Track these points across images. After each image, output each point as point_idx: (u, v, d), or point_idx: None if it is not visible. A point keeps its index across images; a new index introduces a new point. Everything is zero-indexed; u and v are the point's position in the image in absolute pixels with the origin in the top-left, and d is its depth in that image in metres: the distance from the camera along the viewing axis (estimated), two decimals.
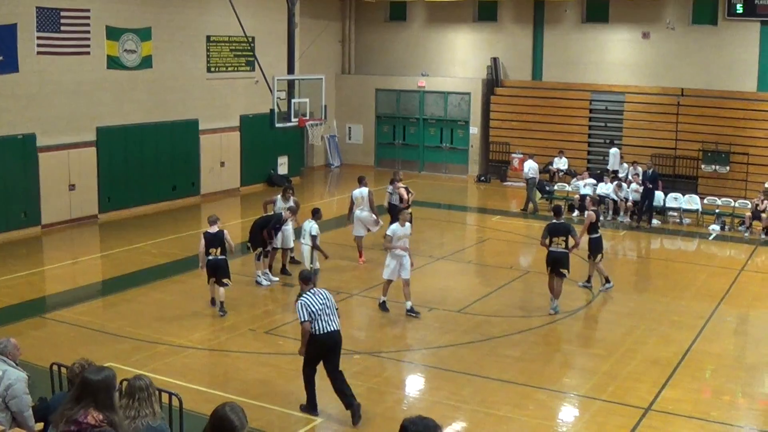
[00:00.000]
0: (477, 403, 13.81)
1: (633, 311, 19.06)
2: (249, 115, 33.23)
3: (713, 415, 13.41)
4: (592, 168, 35.11)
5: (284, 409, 13.42)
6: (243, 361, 15.70)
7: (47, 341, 16.75)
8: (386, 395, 14.23)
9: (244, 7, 30.55)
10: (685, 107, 33.70)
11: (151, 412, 7.43)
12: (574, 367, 15.77)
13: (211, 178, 31.86)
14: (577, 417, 13.66)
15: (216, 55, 31.94)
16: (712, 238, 27.00)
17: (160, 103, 29.70)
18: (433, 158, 39.03)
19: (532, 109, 36.78)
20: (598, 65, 36.13)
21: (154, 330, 17.18)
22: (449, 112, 38.73)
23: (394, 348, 16.57)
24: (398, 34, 40.65)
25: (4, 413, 9.28)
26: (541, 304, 19.42)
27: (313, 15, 37.51)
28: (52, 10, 25.42)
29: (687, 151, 33.19)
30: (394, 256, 18.19)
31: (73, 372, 8.49)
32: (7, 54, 24.32)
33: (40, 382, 12.40)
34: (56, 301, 19.25)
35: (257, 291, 20.28)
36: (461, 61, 39.19)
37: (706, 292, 20.78)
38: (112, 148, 27.93)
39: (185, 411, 11.06)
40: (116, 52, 27.75)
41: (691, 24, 34.25)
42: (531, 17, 37.40)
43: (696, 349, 16.54)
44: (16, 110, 24.92)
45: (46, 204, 25.81)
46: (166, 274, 21.48)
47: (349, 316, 18.02)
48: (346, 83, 40.88)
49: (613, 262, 24.15)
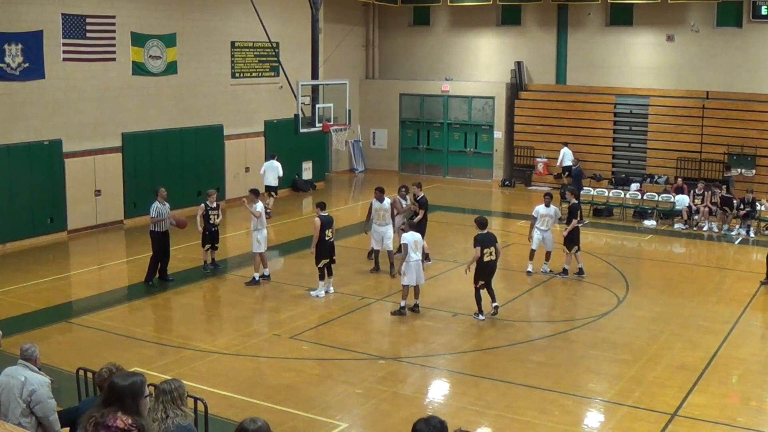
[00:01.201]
0: (502, 409, 13.77)
1: (659, 316, 18.95)
2: (273, 121, 33.33)
3: (740, 421, 13.32)
4: (617, 172, 35.04)
5: (309, 414, 13.43)
6: (268, 366, 15.74)
7: (73, 346, 16.85)
8: (411, 400, 14.21)
9: (269, 12, 30.63)
10: (710, 110, 33.51)
11: (182, 414, 7.48)
12: (600, 373, 15.69)
13: (235, 184, 31.95)
14: (602, 423, 13.60)
15: (240, 60, 32.06)
16: (738, 242, 26.82)
17: (185, 108, 29.83)
18: (458, 163, 39.00)
19: (556, 113, 36.69)
20: (622, 68, 35.99)
21: (179, 335, 17.27)
22: (473, 117, 38.69)
23: (418, 353, 16.55)
24: (422, 38, 40.66)
25: (28, 418, 9.34)
26: (567, 309, 19.39)
27: (336, 20, 37.56)
28: (78, 17, 25.60)
29: (712, 154, 33.00)
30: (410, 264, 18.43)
31: (101, 377, 8.52)
32: (33, 61, 24.50)
33: (66, 387, 12.51)
34: (82, 306, 19.36)
35: (281, 295, 20.31)
36: (485, 65, 39.13)
37: (733, 297, 20.64)
38: (137, 153, 28.09)
39: (210, 416, 11.10)
40: (141, 58, 27.91)
41: (715, 26, 34.09)
42: (555, 21, 37.31)
43: (722, 354, 16.44)
44: (43, 116, 25.11)
45: (72, 209, 25.98)
46: (192, 279, 21.55)
47: (372, 321, 18.02)
48: (370, 88, 40.92)
49: (639, 265, 24.09)
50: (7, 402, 9.36)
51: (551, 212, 22.01)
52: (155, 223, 20.75)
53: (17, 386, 9.37)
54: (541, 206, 22.11)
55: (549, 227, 22.02)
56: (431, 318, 18.30)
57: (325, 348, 16.56)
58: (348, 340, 17.02)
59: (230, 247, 24.96)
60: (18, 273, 21.71)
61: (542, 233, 21.93)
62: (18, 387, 9.37)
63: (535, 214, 22.07)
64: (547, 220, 21.93)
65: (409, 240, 18.40)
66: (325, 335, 17.28)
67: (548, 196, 22.57)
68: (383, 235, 21.87)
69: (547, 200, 22.11)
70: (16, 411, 9.29)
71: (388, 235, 21.88)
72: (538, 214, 21.98)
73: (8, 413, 9.29)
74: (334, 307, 19.15)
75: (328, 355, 16.25)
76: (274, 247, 25.58)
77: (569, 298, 20.44)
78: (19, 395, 9.33)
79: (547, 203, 22.04)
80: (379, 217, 22.00)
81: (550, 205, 22.12)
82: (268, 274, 21.24)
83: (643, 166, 34.89)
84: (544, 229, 21.92)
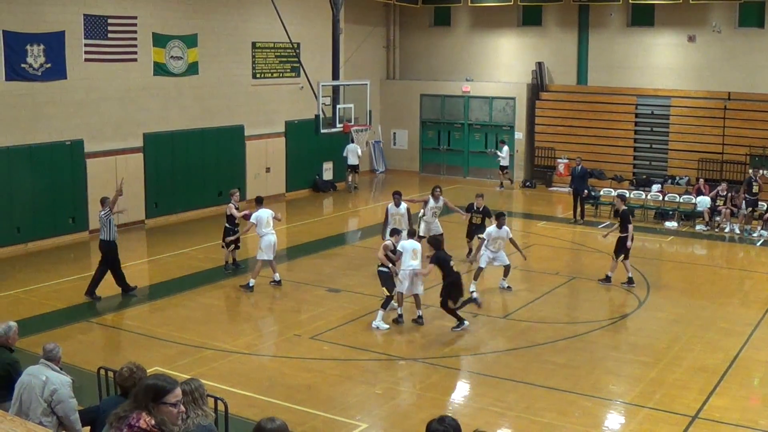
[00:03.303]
0: (522, 410, 13.75)
1: (679, 318, 18.87)
2: (294, 121, 33.39)
3: (761, 424, 13.23)
4: (638, 173, 34.91)
5: (329, 415, 13.45)
6: (288, 366, 15.76)
7: (95, 345, 16.96)
8: (431, 401, 14.20)
9: (289, 13, 30.68)
10: (732, 111, 33.33)
11: (203, 414, 7.49)
12: (620, 374, 15.63)
13: (256, 184, 32.01)
14: (622, 425, 13.55)
15: (261, 61, 32.14)
16: (760, 244, 26.68)
17: (206, 109, 29.93)
18: (478, 163, 38.94)
19: (577, 114, 36.59)
20: (643, 69, 35.85)
21: (200, 335, 17.31)
22: (494, 117, 38.63)
23: (439, 354, 16.53)
24: (442, 39, 40.64)
25: (49, 417, 9.39)
26: (587, 311, 19.34)
27: (357, 21, 37.59)
28: (100, 18, 25.72)
29: (734, 155, 32.83)
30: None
31: (122, 376, 8.52)
32: (55, 61, 24.64)
33: (87, 386, 12.57)
34: (104, 306, 19.43)
35: (302, 296, 20.36)
36: (506, 66, 39.07)
37: (754, 299, 20.54)
38: (158, 154, 28.20)
39: (230, 416, 11.13)
40: (163, 58, 28.02)
41: (737, 27, 33.91)
42: (576, 21, 37.20)
43: (744, 356, 16.35)
44: (64, 117, 25.25)
45: (93, 209, 25.95)
46: (213, 279, 21.61)
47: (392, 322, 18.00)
48: (390, 89, 40.93)
49: (660, 267, 23.98)
50: (28, 401, 9.41)
51: (503, 234, 20.71)
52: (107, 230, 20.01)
53: (39, 385, 9.42)
54: (493, 228, 20.79)
55: (501, 249, 20.74)
56: (451, 319, 18.24)
57: (346, 348, 16.58)
58: (368, 341, 17.04)
59: (251, 247, 25.00)
60: (40, 272, 21.85)
61: (493, 254, 20.76)
62: (39, 386, 9.42)
63: (487, 236, 20.69)
64: (499, 242, 20.75)
65: (407, 248, 17.96)
66: (346, 336, 17.28)
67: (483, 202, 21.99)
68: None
69: (501, 221, 20.69)
70: (37, 410, 9.34)
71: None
72: (490, 237, 20.62)
73: (29, 412, 9.34)
74: (354, 308, 19.15)
75: (348, 355, 16.27)
76: (294, 247, 25.66)
77: (590, 300, 20.37)
78: (40, 394, 9.38)
79: (500, 225, 20.63)
80: (395, 221, 21.72)
81: (503, 226, 20.68)
82: (279, 279, 21.03)
83: (665, 167, 34.74)
84: (494, 251, 20.69)
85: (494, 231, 20.69)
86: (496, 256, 20.70)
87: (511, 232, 21.05)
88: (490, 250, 20.64)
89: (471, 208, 23.55)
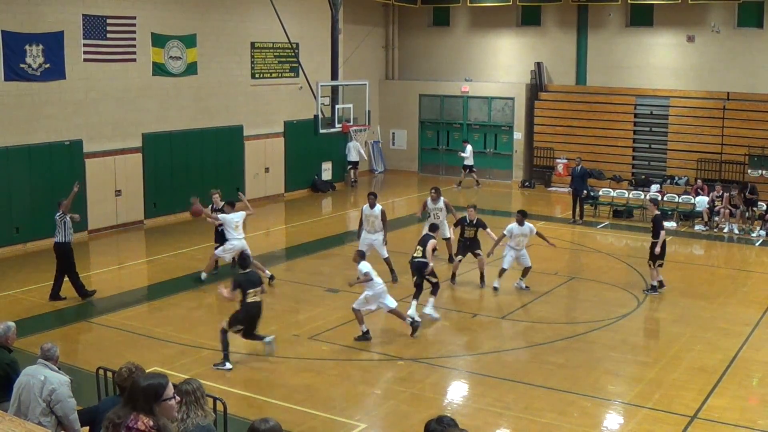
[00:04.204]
0: (521, 410, 13.75)
1: (679, 318, 18.87)
2: (293, 121, 33.38)
3: (760, 424, 13.23)
4: (637, 173, 34.92)
5: (328, 415, 13.45)
6: (286, 367, 15.75)
7: (94, 345, 16.95)
8: (430, 401, 14.19)
9: (288, 13, 30.69)
10: (731, 111, 33.34)
11: (202, 414, 7.49)
12: (619, 375, 15.63)
13: (255, 184, 32.01)
14: (621, 425, 13.55)
15: (260, 61, 32.13)
16: (759, 243, 26.69)
17: (205, 109, 29.92)
18: (477, 164, 38.87)
19: (576, 114, 36.59)
20: (642, 69, 35.86)
21: (199, 335, 17.29)
22: (493, 117, 38.64)
23: (437, 354, 16.53)
24: (441, 39, 40.64)
25: (48, 417, 9.39)
26: (586, 311, 19.33)
27: (356, 21, 37.59)
28: (99, 18, 25.71)
29: (733, 155, 32.84)
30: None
31: (121, 376, 8.54)
32: (54, 61, 24.63)
33: (86, 386, 12.57)
34: (103, 306, 19.42)
35: (300, 296, 20.36)
36: (505, 66, 39.07)
37: (753, 299, 20.53)
38: (157, 154, 28.19)
39: (229, 416, 11.13)
40: (161, 58, 28.01)
41: (736, 27, 33.92)
42: (575, 21, 37.21)
43: (743, 356, 16.35)
44: (63, 117, 25.24)
45: (92, 209, 26.08)
46: (212, 280, 21.58)
47: (391, 322, 17.99)
48: (389, 89, 40.93)
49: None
50: (27, 401, 9.41)
51: (525, 231, 20.61)
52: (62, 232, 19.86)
53: (37, 385, 9.42)
54: (514, 225, 20.71)
55: (523, 247, 20.69)
56: (450, 319, 18.27)
57: (344, 348, 16.57)
58: (367, 341, 17.01)
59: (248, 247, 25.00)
60: (39, 272, 21.80)
61: (516, 252, 20.67)
62: (38, 386, 9.42)
63: (508, 233, 20.68)
64: (521, 239, 20.62)
65: (369, 267, 17.17)
66: (344, 336, 17.27)
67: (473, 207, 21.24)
68: (373, 243, 20.96)
69: (521, 218, 20.59)
70: (36, 410, 9.34)
71: (378, 243, 21.00)
72: (512, 234, 20.60)
73: (28, 412, 9.35)
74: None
75: (347, 355, 16.27)
76: (292, 247, 25.66)
77: (589, 300, 20.36)
78: (39, 394, 9.38)
79: (520, 222, 20.57)
80: (369, 223, 21.14)
81: (524, 223, 20.60)
82: (271, 275, 20.96)
83: (664, 167, 34.75)
84: (518, 249, 20.63)
85: (516, 228, 20.64)
86: (519, 254, 20.64)
87: (535, 228, 20.99)
88: (514, 248, 20.63)
89: (463, 221, 21.23)
